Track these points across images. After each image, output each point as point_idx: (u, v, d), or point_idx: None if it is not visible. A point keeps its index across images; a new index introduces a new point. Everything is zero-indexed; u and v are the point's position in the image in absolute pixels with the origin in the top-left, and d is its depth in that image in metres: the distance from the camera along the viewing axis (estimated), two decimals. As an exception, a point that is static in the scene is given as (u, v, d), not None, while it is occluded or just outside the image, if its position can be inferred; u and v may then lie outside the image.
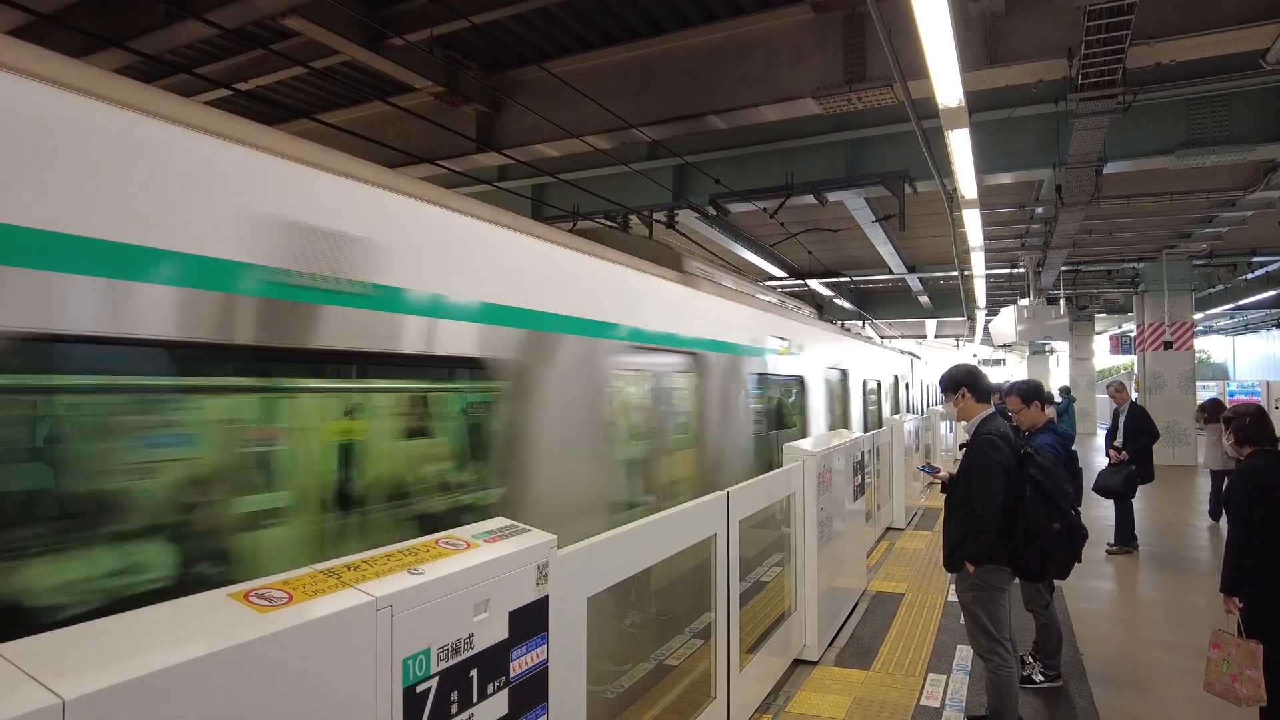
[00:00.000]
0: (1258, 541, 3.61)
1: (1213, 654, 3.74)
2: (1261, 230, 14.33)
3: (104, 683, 1.14)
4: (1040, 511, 3.82)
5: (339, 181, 2.49)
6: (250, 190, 2.18)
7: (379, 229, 2.59)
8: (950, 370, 4.40)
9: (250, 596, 1.51)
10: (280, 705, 1.40)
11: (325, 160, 2.49)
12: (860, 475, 6.79)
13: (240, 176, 2.17)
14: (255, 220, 2.17)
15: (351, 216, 2.49)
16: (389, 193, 2.69)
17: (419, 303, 2.73)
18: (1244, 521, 3.66)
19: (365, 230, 2.53)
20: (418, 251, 2.77)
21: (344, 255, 2.43)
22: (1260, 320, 29.78)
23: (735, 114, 8.46)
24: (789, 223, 12.11)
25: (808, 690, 4.70)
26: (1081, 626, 5.87)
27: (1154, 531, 9.30)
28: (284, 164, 2.31)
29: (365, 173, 2.63)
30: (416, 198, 2.83)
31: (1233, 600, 3.68)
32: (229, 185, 2.13)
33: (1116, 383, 9.64)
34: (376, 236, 2.57)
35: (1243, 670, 3.57)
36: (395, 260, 2.64)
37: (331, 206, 2.42)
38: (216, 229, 2.08)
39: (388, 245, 2.61)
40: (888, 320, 27.01)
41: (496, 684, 1.94)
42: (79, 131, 1.81)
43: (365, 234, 2.52)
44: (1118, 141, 9.02)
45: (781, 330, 7.12)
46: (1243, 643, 3.60)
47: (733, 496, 3.91)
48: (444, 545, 1.98)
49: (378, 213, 2.61)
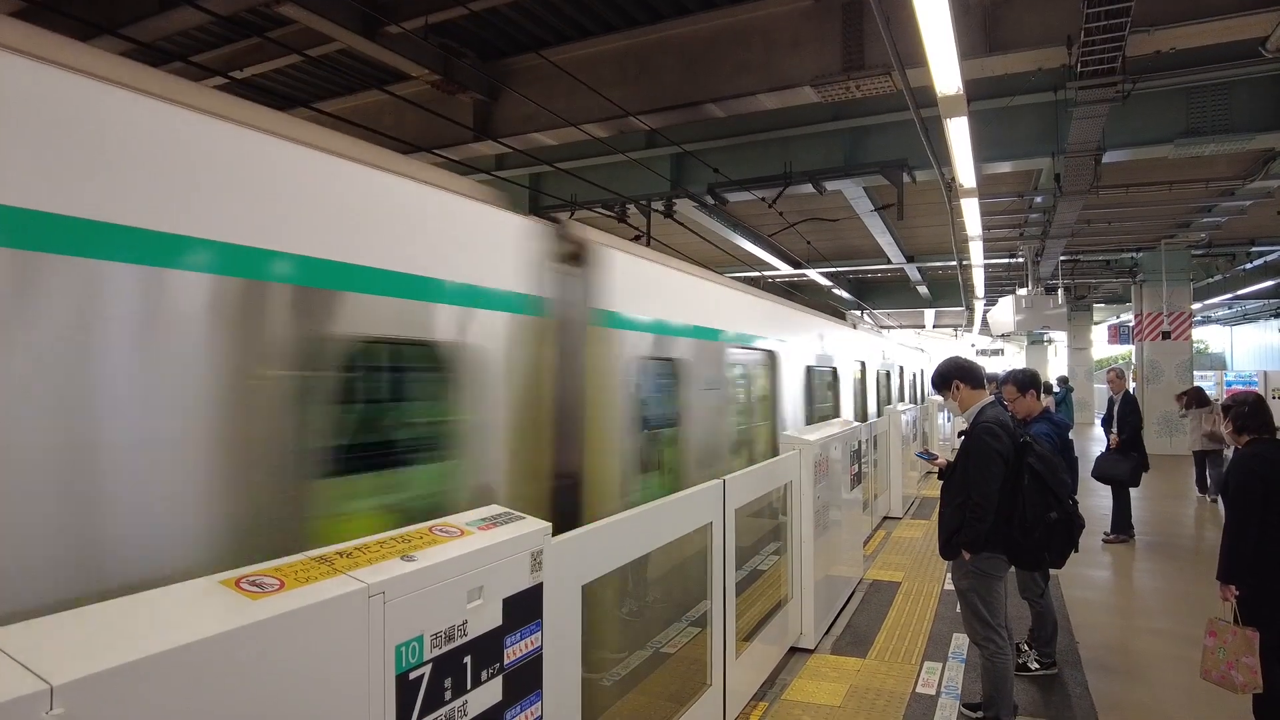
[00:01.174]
0: (1256, 529, 3.62)
1: (1209, 642, 3.75)
2: (1260, 220, 14.30)
3: (92, 668, 1.14)
4: (1038, 501, 3.83)
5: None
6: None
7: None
8: (938, 368, 4.40)
9: (241, 583, 1.51)
10: (271, 692, 1.40)
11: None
12: (857, 464, 6.80)
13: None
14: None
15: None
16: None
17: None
18: (1242, 509, 3.65)
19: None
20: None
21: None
22: (1258, 310, 29.77)
23: (733, 102, 8.43)
24: (787, 212, 12.08)
25: (804, 678, 4.72)
26: (1077, 614, 5.89)
27: (1151, 521, 9.32)
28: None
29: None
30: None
31: (1229, 588, 3.69)
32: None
33: (1115, 370, 9.65)
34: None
35: (1239, 658, 3.58)
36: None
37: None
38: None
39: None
40: (886, 310, 27.00)
41: (490, 671, 1.94)
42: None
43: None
44: (1117, 130, 8.98)
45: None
46: (1239, 630, 3.60)
47: (728, 485, 3.91)
48: (438, 532, 1.98)
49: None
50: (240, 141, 1.92)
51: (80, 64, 1.65)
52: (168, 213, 1.73)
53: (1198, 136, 8.98)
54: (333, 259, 2.10)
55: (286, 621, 1.43)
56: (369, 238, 2.23)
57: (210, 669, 1.29)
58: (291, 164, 2.05)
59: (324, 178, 2.13)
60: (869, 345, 11.21)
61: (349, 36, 7.57)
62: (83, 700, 1.11)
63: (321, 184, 2.12)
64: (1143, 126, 9.20)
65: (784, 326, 6.74)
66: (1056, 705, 4.37)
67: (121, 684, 1.16)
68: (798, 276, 18.97)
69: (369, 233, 2.24)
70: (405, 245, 2.37)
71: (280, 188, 2.01)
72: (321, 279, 2.07)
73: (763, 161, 10.57)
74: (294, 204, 2.03)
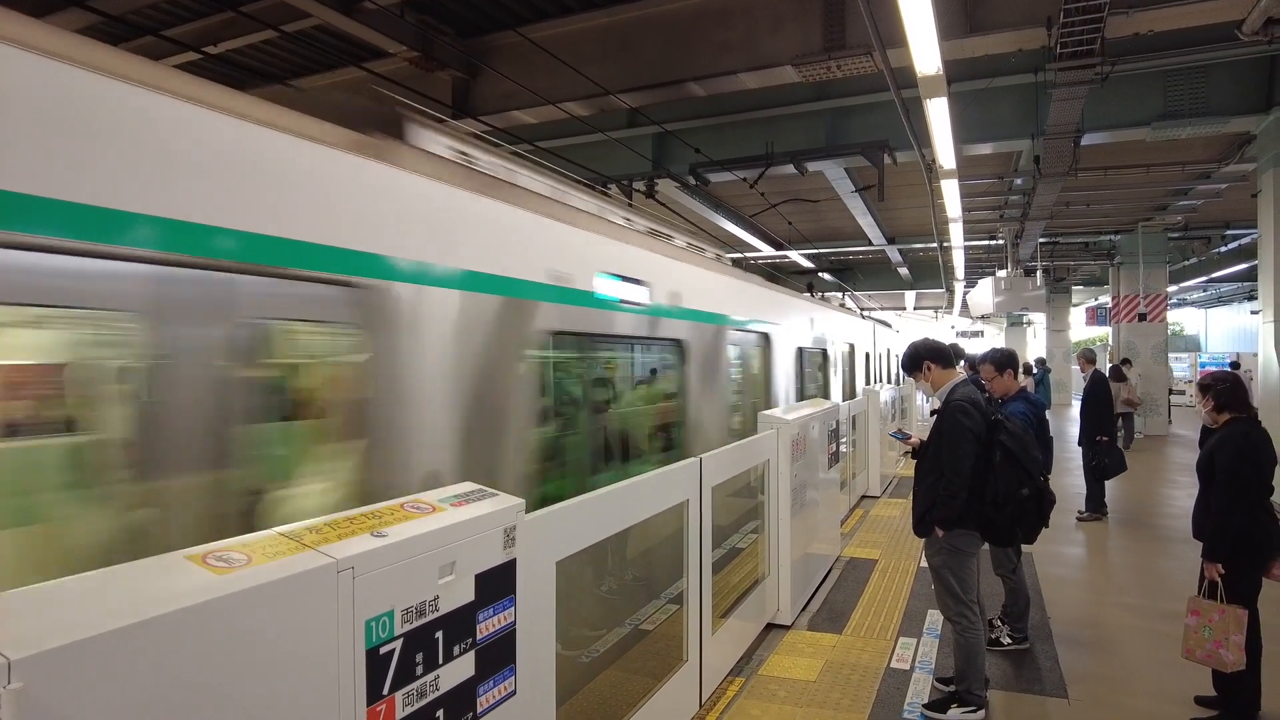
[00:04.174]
0: (1244, 508, 3.68)
1: (1191, 620, 3.80)
2: (1235, 203, 14.48)
3: (52, 643, 1.13)
4: (1009, 477, 3.87)
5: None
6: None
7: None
8: (906, 351, 4.40)
9: (208, 559, 1.50)
10: (237, 667, 1.40)
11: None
12: (835, 443, 6.85)
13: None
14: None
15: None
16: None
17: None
18: (1232, 489, 3.70)
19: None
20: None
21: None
22: (1232, 293, 30.24)
23: (714, 81, 8.39)
24: (769, 193, 12.08)
25: (780, 654, 4.78)
26: (1050, 591, 5.99)
27: (1124, 499, 9.47)
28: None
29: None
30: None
31: (1214, 566, 3.74)
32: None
33: (1083, 352, 9.76)
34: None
35: (1228, 635, 3.63)
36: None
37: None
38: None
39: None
40: (868, 292, 27.13)
41: (463, 646, 1.95)
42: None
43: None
44: (1095, 113, 9.04)
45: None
46: (1227, 609, 3.66)
47: (705, 463, 3.93)
48: (409, 509, 1.98)
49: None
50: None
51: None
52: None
53: (1175, 119, 9.06)
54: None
55: (253, 596, 1.42)
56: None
57: (173, 645, 1.28)
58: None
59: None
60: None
61: (325, 12, 7.44)
62: (41, 675, 1.10)
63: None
64: (1121, 109, 9.26)
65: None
66: (1027, 678, 4.45)
67: (80, 659, 1.15)
68: (779, 258, 19.00)
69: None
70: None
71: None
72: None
73: (744, 142, 10.55)
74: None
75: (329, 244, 2.60)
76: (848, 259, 22.70)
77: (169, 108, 2.12)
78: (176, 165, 2.13)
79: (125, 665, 1.21)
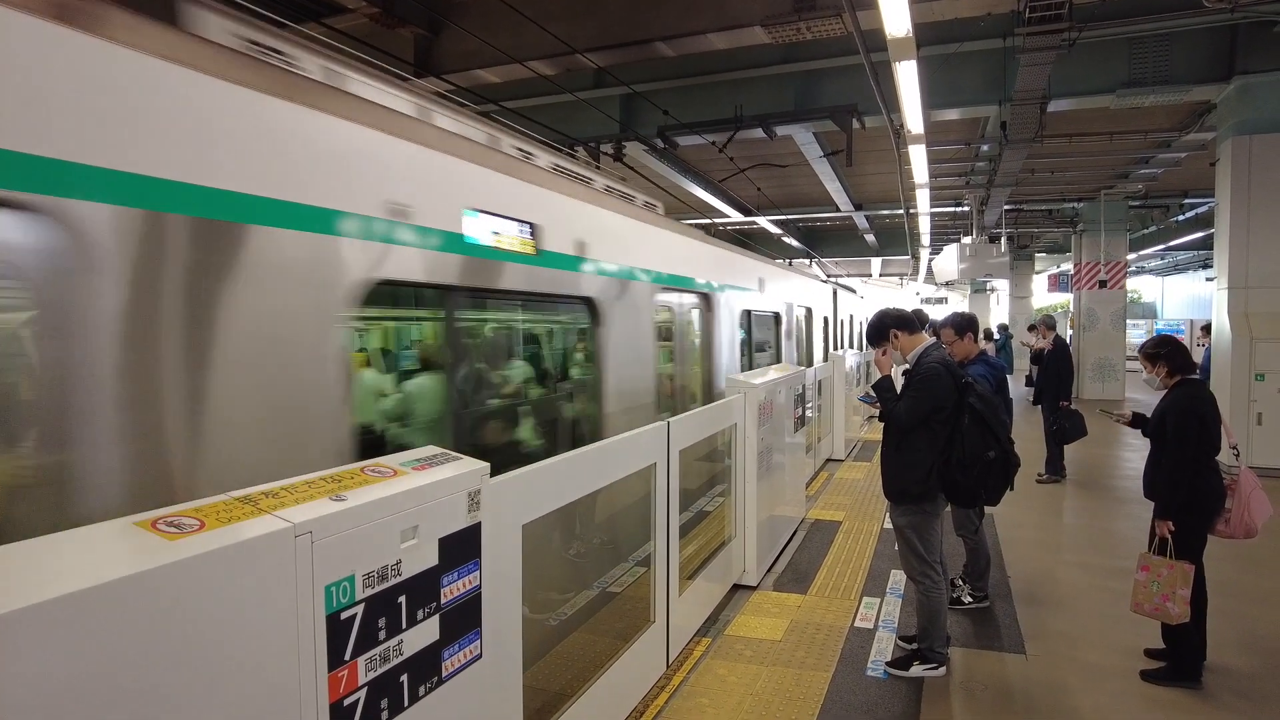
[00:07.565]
0: (1193, 467, 3.79)
1: (1140, 576, 3.93)
2: (1193, 173, 14.73)
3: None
4: (977, 440, 3.92)
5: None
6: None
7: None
8: (870, 321, 4.40)
9: (158, 524, 1.44)
10: (191, 635, 1.35)
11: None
12: (801, 408, 6.89)
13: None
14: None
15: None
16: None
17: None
18: (1182, 448, 3.82)
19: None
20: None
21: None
22: (1188, 261, 30.88)
23: (682, 41, 8.26)
24: (738, 157, 11.99)
25: (746, 614, 4.83)
26: (1009, 551, 6.13)
27: (1081, 462, 9.70)
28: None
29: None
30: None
31: (1166, 524, 3.86)
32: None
33: (1043, 319, 9.73)
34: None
35: (1175, 590, 3.77)
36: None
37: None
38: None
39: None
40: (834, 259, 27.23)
41: (427, 610, 1.92)
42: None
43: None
44: (1062, 79, 9.08)
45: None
46: (1176, 564, 3.79)
47: (673, 426, 3.92)
48: (369, 473, 1.93)
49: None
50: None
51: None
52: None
53: (1139, 87, 9.13)
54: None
55: (205, 562, 1.37)
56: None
57: (121, 613, 1.23)
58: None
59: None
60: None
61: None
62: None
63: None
64: (1087, 76, 9.31)
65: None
66: (987, 635, 4.56)
67: (20, 630, 1.10)
68: (748, 224, 18.95)
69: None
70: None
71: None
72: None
73: (713, 104, 10.43)
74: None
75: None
76: (815, 225, 22.73)
77: None
78: None
79: (67, 636, 1.15)
